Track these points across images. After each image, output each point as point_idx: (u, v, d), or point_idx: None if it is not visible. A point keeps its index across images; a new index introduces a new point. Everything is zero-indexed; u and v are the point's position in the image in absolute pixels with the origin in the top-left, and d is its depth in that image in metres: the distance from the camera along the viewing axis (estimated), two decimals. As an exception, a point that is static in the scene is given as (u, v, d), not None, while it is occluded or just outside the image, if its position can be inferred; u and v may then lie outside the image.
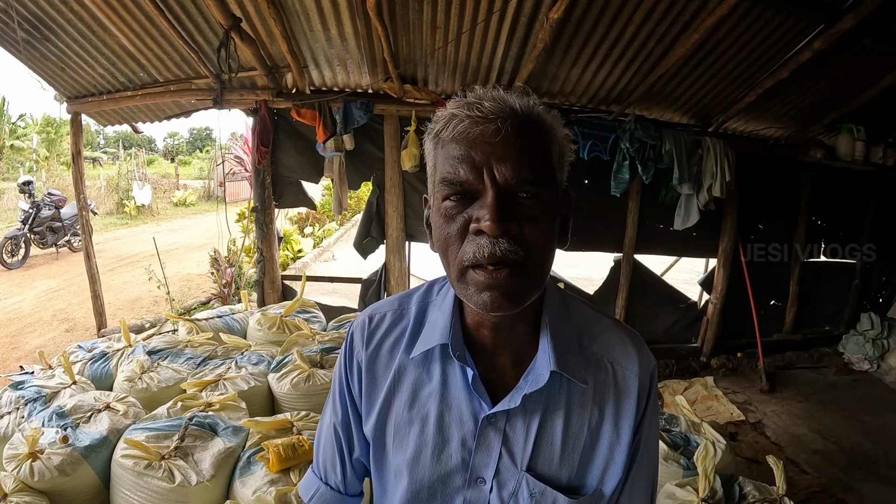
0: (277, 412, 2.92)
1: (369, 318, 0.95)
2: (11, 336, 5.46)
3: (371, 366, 0.92)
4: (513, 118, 0.71)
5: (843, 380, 5.29)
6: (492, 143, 0.70)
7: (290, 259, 8.57)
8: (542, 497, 0.83)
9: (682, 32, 3.51)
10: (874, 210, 5.82)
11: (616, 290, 5.14)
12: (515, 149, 0.70)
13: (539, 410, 0.83)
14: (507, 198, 0.70)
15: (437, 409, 0.86)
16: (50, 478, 2.15)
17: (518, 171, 0.70)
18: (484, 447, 0.84)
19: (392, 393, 0.90)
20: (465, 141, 0.71)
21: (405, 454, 0.88)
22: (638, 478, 0.89)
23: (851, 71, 4.26)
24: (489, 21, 3.39)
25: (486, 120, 0.70)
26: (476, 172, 0.70)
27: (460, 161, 0.71)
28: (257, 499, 2.01)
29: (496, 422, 0.83)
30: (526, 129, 0.72)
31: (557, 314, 0.86)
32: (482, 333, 0.85)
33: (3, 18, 3.62)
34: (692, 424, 2.85)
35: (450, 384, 0.86)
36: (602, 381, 0.86)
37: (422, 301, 0.94)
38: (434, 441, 0.86)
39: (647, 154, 4.33)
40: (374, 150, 4.45)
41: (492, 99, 0.72)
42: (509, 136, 0.70)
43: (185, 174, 23.53)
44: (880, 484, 3.56)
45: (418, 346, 0.88)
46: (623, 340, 0.89)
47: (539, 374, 0.82)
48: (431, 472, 0.86)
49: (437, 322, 0.87)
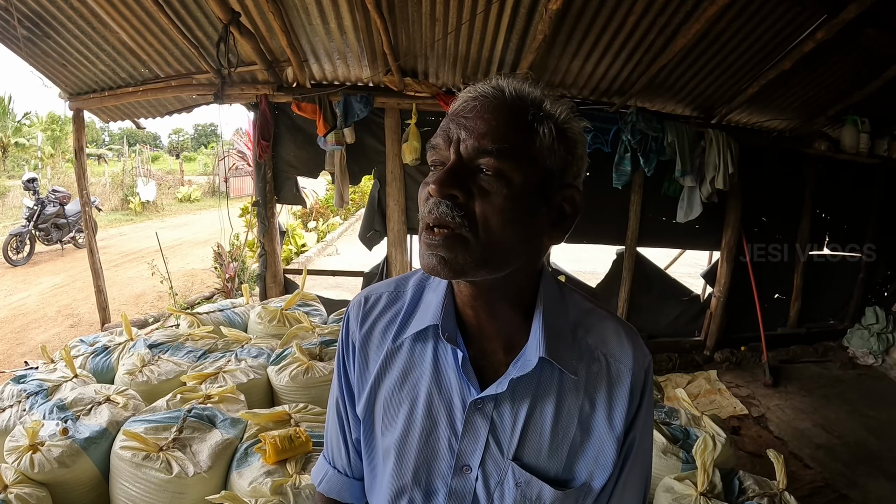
0: (277, 405, 2.92)
1: (365, 298, 0.96)
2: (16, 332, 5.50)
3: (364, 346, 0.93)
4: (494, 97, 0.74)
5: (847, 374, 5.26)
6: (466, 117, 0.73)
7: (293, 254, 8.59)
8: (528, 487, 0.82)
9: (684, 23, 3.48)
10: (879, 203, 5.78)
11: (619, 283, 5.12)
12: (484, 122, 0.72)
13: (528, 399, 0.82)
14: (464, 168, 0.72)
15: (426, 390, 0.86)
16: (50, 469, 2.16)
17: (479, 142, 0.71)
18: (471, 433, 0.83)
19: (383, 373, 0.90)
20: (450, 115, 0.76)
21: (393, 434, 0.87)
22: (631, 477, 0.88)
23: (855, 62, 4.22)
24: (488, 12, 3.37)
25: (473, 99, 0.74)
26: (447, 142, 0.74)
27: (442, 132, 0.76)
28: (253, 490, 2.02)
29: (483, 407, 0.82)
30: (505, 107, 0.73)
31: (552, 304, 0.85)
32: (468, 314, 0.85)
33: (4, 16, 3.63)
34: (692, 418, 2.84)
35: (440, 367, 0.86)
36: (595, 374, 0.85)
37: (419, 283, 0.94)
38: (422, 423, 0.85)
39: (650, 146, 4.30)
40: (374, 143, 4.44)
41: (491, 83, 0.75)
42: (482, 112, 0.73)
43: (189, 170, 23.58)
44: (884, 479, 3.54)
45: (411, 327, 0.88)
46: (618, 334, 0.87)
47: (528, 360, 0.81)
48: (418, 454, 0.85)
49: (430, 303, 0.87)
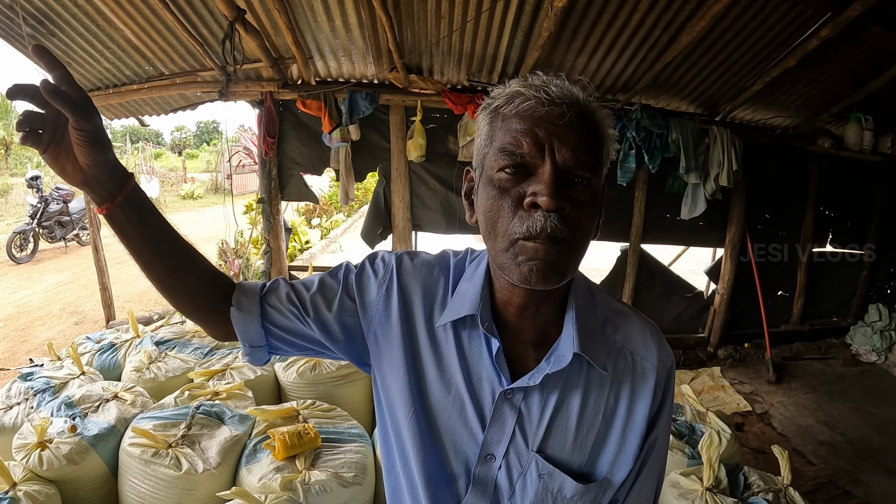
0: (284, 401, 2.94)
1: (410, 258, 0.96)
2: (21, 329, 5.52)
3: (403, 307, 0.92)
4: (577, 106, 0.74)
5: (850, 371, 5.26)
6: (556, 125, 0.72)
7: (297, 250, 8.60)
8: (551, 479, 0.83)
9: (689, 20, 3.47)
10: (882, 200, 5.77)
11: (623, 279, 5.13)
12: (577, 134, 0.73)
13: (556, 392, 0.84)
14: (563, 178, 0.72)
15: (459, 376, 0.87)
16: (58, 466, 2.18)
17: (577, 154, 0.72)
18: (498, 423, 0.84)
19: (417, 354, 0.90)
20: (530, 118, 0.73)
21: (422, 415, 0.88)
22: (650, 474, 0.90)
23: (859, 59, 4.21)
24: (494, 9, 3.37)
25: (553, 103, 0.73)
26: (538, 148, 0.72)
27: (524, 134, 0.73)
28: (263, 486, 2.03)
29: (513, 398, 0.84)
30: (586, 118, 0.75)
31: (583, 301, 0.87)
32: (508, 311, 0.86)
33: (8, 14, 3.63)
34: (697, 414, 2.85)
35: (473, 355, 0.87)
36: (621, 370, 0.87)
37: (458, 268, 0.94)
38: (452, 408, 0.87)
39: (654, 143, 4.30)
40: (379, 140, 4.45)
41: (558, 86, 0.75)
42: (573, 122, 0.73)
43: (192, 167, 23.58)
44: (887, 476, 3.55)
45: (448, 313, 0.88)
46: (644, 332, 0.90)
47: (562, 356, 0.82)
48: (444, 438, 0.87)
49: (466, 293, 0.88)
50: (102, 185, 0.79)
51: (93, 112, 0.74)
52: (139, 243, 0.85)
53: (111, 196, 0.79)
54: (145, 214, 0.84)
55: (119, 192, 0.80)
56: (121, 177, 0.80)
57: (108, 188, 0.79)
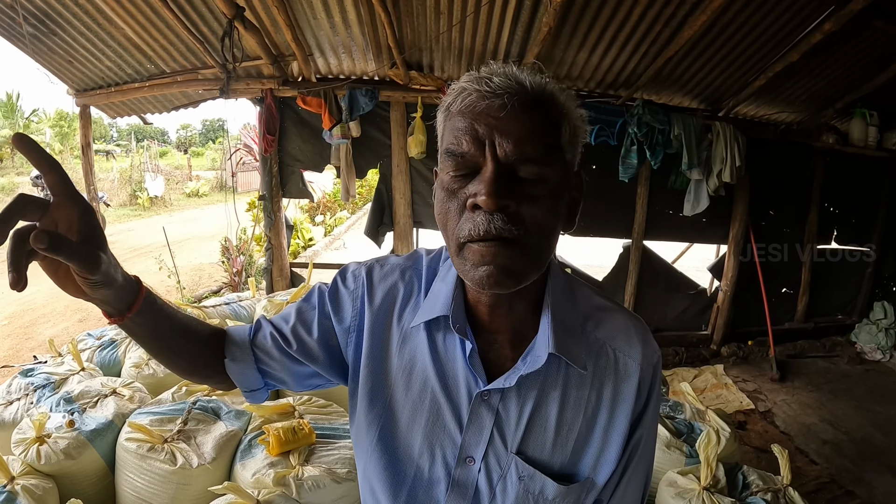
0: (280, 397, 2.94)
1: (380, 264, 0.95)
2: (25, 327, 5.56)
3: (374, 314, 0.91)
4: (521, 94, 0.70)
5: (854, 369, 5.22)
6: (497, 118, 0.69)
7: (300, 248, 8.62)
8: (531, 481, 0.81)
9: (690, 14, 3.45)
10: (888, 197, 5.73)
11: (625, 276, 5.11)
12: (521, 124, 0.69)
13: (534, 393, 0.82)
14: (507, 174, 0.69)
15: (432, 379, 0.85)
16: (56, 461, 2.18)
17: (520, 147, 0.68)
18: (476, 425, 0.82)
19: (387, 356, 0.89)
20: (470, 114, 0.70)
21: (398, 420, 0.87)
22: (635, 474, 0.87)
23: (863, 54, 4.16)
24: (493, 4, 3.36)
25: (494, 94, 0.69)
26: (478, 145, 0.69)
27: (464, 133, 0.70)
28: (256, 481, 2.03)
29: (490, 399, 0.82)
30: (534, 105, 0.71)
31: (561, 297, 0.84)
32: (480, 310, 0.83)
33: (9, 14, 3.65)
34: (697, 412, 2.82)
35: (446, 357, 0.85)
36: (602, 368, 0.84)
37: (430, 268, 0.93)
38: (428, 411, 0.85)
39: (656, 139, 4.27)
40: (380, 136, 4.45)
41: (502, 75, 0.71)
42: (515, 112, 0.69)
43: (197, 165, 23.67)
44: (891, 475, 3.52)
45: (420, 315, 0.86)
46: (627, 328, 0.87)
47: (537, 356, 0.80)
48: (421, 443, 0.85)
49: (439, 293, 0.86)
50: (110, 306, 0.75)
51: (98, 258, 0.66)
52: (149, 342, 0.86)
53: (120, 314, 0.76)
54: (158, 319, 0.83)
55: (129, 310, 0.76)
56: (131, 293, 0.76)
57: (116, 308, 0.75)
